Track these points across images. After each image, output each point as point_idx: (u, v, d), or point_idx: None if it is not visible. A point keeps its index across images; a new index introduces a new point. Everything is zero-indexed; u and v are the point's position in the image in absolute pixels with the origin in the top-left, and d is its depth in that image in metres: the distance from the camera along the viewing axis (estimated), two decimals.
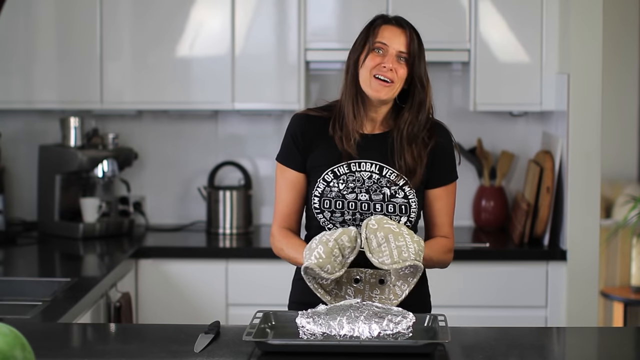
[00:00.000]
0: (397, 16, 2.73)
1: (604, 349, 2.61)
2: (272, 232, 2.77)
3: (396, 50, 2.65)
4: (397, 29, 2.67)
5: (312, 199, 2.71)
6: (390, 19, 2.70)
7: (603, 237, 4.79)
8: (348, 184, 2.69)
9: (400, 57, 2.66)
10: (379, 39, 2.66)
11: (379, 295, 2.61)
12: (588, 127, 3.92)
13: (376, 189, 2.69)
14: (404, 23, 2.70)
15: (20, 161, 4.55)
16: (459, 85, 4.52)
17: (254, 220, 4.54)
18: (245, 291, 4.06)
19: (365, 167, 2.70)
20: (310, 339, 2.36)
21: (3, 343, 1.88)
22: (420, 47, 2.68)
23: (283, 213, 2.76)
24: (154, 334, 2.65)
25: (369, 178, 2.69)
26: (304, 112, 2.79)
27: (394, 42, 2.66)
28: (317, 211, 2.71)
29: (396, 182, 2.68)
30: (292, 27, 4.23)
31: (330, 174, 2.70)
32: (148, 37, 4.26)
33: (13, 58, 4.27)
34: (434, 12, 4.19)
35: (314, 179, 2.72)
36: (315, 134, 2.73)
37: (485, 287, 4.04)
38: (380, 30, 2.67)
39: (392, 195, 2.68)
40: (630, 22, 6.33)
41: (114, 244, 4.20)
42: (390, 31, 2.67)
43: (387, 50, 2.65)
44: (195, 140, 4.58)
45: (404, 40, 2.66)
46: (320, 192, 2.70)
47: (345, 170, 2.70)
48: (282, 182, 2.76)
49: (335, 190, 2.69)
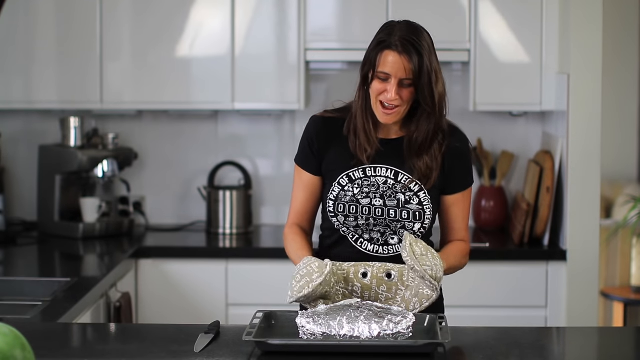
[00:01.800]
0: (403, 37, 2.60)
1: (604, 349, 2.61)
2: (285, 229, 2.81)
3: (399, 78, 2.60)
4: (399, 56, 2.58)
5: (327, 202, 2.72)
6: (395, 43, 2.59)
7: (603, 237, 4.79)
8: (363, 188, 2.69)
9: (404, 82, 2.61)
10: (382, 68, 2.60)
11: (386, 293, 2.60)
12: (588, 127, 3.92)
13: (391, 194, 2.69)
14: (408, 46, 2.59)
15: (20, 161, 4.55)
16: (459, 85, 4.52)
17: (254, 220, 4.54)
18: (245, 291, 4.06)
19: (381, 172, 2.70)
20: (310, 339, 2.36)
21: (3, 343, 1.88)
22: (423, 65, 2.59)
23: (297, 211, 2.80)
24: (154, 334, 2.65)
25: (384, 183, 2.69)
26: (321, 115, 2.79)
27: (397, 70, 2.59)
28: (331, 215, 2.72)
29: (411, 187, 2.69)
30: (292, 27, 4.23)
31: (345, 177, 2.70)
32: (148, 37, 4.26)
33: (13, 58, 4.27)
34: (433, 12, 4.19)
35: (329, 182, 2.73)
36: (331, 137, 2.74)
37: (485, 287, 4.04)
38: (383, 58, 2.60)
39: (407, 202, 2.68)
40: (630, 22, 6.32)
41: (114, 244, 4.20)
42: (393, 59, 2.59)
43: (390, 79, 2.61)
44: (195, 140, 4.58)
45: (407, 67, 2.58)
46: (335, 195, 2.70)
47: (361, 174, 2.70)
48: (298, 182, 2.79)
49: (350, 195, 2.69)
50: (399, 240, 2.72)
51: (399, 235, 2.71)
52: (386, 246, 2.72)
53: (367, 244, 2.73)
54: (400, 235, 2.71)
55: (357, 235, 2.73)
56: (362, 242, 2.73)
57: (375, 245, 2.72)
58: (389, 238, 2.71)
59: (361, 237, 2.73)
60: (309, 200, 2.79)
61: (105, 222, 4.30)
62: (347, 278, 2.61)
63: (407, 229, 2.69)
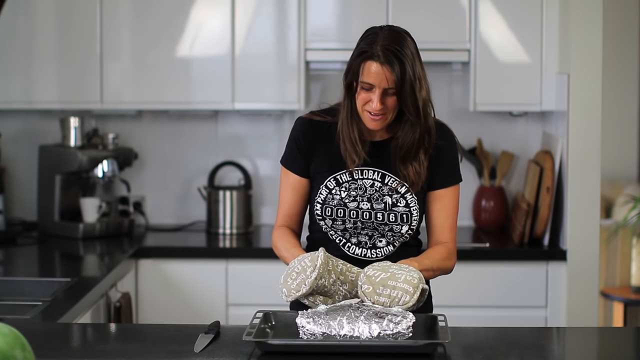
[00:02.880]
0: (385, 46, 2.56)
1: (604, 349, 2.61)
2: (273, 230, 2.79)
3: (382, 88, 2.58)
4: (381, 67, 2.56)
5: (314, 205, 2.71)
6: (377, 54, 2.57)
7: (603, 237, 4.79)
8: (350, 191, 2.69)
9: (388, 91, 2.59)
10: (365, 78, 2.58)
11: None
12: (588, 127, 3.92)
13: (378, 197, 2.68)
14: (390, 56, 2.56)
15: (20, 161, 4.55)
16: (459, 85, 4.52)
17: (254, 220, 4.54)
18: (245, 291, 4.06)
19: (368, 174, 2.69)
20: (310, 339, 2.36)
21: (3, 343, 1.88)
22: (405, 74, 2.55)
23: (285, 213, 2.78)
24: (154, 334, 2.65)
25: (371, 186, 2.69)
26: (308, 117, 2.77)
27: (380, 80, 2.57)
28: (319, 218, 2.71)
29: (398, 189, 2.68)
30: (292, 27, 4.23)
31: (332, 181, 2.70)
32: (148, 37, 4.26)
33: (13, 58, 4.27)
34: (434, 12, 4.19)
35: (316, 185, 2.72)
36: (318, 139, 2.73)
37: (485, 287, 4.04)
38: (366, 68, 2.58)
39: (394, 204, 2.68)
40: (630, 22, 6.32)
41: (114, 244, 4.20)
42: (375, 69, 2.56)
43: (374, 89, 2.59)
44: (195, 140, 4.58)
45: (389, 77, 2.56)
46: (322, 199, 2.70)
47: (348, 177, 2.69)
48: (285, 184, 2.78)
49: (337, 198, 2.69)
50: (387, 242, 2.71)
51: (387, 238, 2.70)
52: (374, 249, 2.72)
53: (354, 247, 2.72)
54: (388, 238, 2.70)
55: (344, 240, 2.72)
56: (349, 246, 2.72)
57: (363, 248, 2.72)
58: (377, 241, 2.71)
59: (349, 242, 2.72)
60: (297, 202, 2.77)
61: (105, 222, 4.30)
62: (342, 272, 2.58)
63: (394, 231, 2.68)
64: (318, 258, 2.49)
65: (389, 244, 2.71)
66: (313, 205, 2.72)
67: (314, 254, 2.52)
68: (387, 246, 2.71)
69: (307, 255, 2.53)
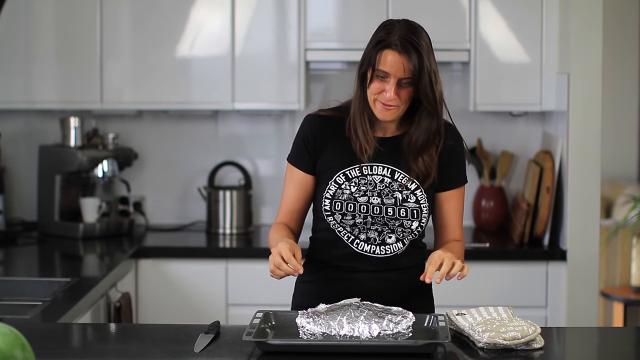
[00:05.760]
0: (402, 36, 2.59)
1: (604, 349, 2.61)
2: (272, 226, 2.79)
3: (398, 77, 2.59)
4: (399, 55, 2.57)
5: (322, 201, 2.70)
6: (395, 42, 2.58)
7: (603, 237, 4.79)
8: (360, 186, 2.68)
9: (402, 82, 2.60)
10: (381, 66, 2.59)
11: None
12: (588, 127, 3.92)
13: (388, 192, 2.68)
14: (408, 46, 2.58)
15: (20, 161, 4.55)
16: (459, 85, 4.52)
17: (254, 220, 4.54)
18: (245, 291, 4.06)
19: (378, 170, 2.69)
20: (310, 339, 2.36)
21: (3, 343, 1.88)
22: (423, 65, 2.58)
23: (286, 209, 2.77)
24: (154, 334, 2.65)
25: (380, 182, 2.68)
26: (316, 113, 2.77)
27: (396, 69, 2.58)
28: (327, 213, 2.70)
29: (408, 186, 2.68)
30: (292, 27, 4.23)
31: (342, 176, 2.69)
32: (148, 37, 4.26)
33: (13, 58, 4.27)
34: (433, 12, 4.19)
35: (325, 181, 2.71)
36: (327, 136, 2.73)
37: (485, 287, 4.04)
38: (382, 57, 2.59)
39: (404, 200, 2.68)
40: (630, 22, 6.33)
41: (114, 244, 4.20)
42: (393, 58, 2.58)
43: (389, 78, 2.60)
44: (195, 140, 4.58)
45: (406, 66, 2.57)
46: (331, 194, 2.69)
47: (357, 173, 2.69)
48: (289, 181, 2.77)
49: (347, 193, 2.68)
50: (396, 239, 2.71)
51: (397, 235, 2.70)
52: (383, 246, 2.70)
53: (363, 244, 2.70)
54: (398, 234, 2.69)
55: (352, 236, 2.71)
56: (357, 242, 2.71)
57: (372, 245, 2.70)
58: (386, 237, 2.70)
59: (357, 238, 2.70)
60: (299, 199, 2.76)
61: (105, 222, 4.30)
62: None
63: (405, 227, 2.68)
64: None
65: (399, 241, 2.70)
66: (319, 203, 2.71)
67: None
68: (397, 243, 2.70)
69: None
